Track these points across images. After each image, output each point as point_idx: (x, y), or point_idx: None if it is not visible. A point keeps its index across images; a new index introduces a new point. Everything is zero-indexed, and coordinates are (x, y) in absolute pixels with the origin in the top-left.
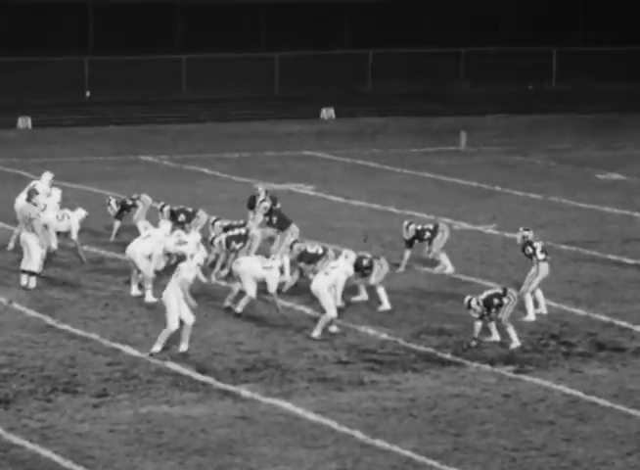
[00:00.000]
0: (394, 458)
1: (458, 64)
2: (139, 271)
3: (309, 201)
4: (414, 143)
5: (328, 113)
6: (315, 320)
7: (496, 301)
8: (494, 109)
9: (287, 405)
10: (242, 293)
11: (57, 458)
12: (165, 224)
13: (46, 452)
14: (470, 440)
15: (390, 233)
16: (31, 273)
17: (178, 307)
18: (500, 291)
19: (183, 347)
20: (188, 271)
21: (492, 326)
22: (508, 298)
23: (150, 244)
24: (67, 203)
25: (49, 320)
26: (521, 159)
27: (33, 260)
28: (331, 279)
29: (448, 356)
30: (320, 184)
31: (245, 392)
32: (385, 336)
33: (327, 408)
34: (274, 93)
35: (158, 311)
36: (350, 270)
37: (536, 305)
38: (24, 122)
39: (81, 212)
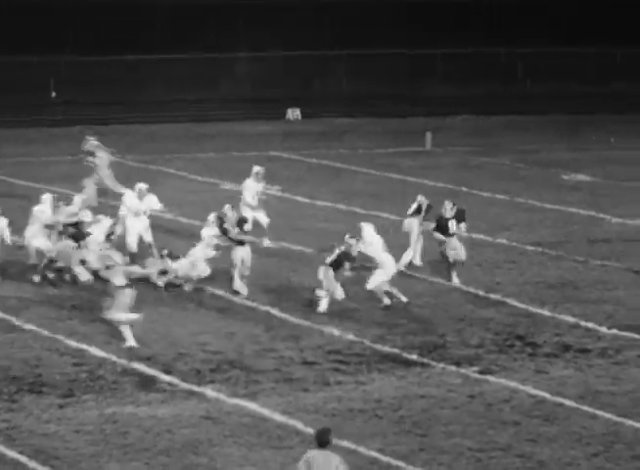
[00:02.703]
0: (360, 459)
1: (426, 65)
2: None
3: (275, 201)
4: (380, 144)
5: (294, 113)
6: (281, 320)
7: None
8: (461, 110)
9: (253, 406)
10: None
11: (22, 459)
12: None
13: (11, 453)
14: (435, 440)
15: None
16: None
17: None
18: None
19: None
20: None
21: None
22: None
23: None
24: (34, 202)
25: (15, 321)
26: (487, 160)
27: None
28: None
29: (414, 357)
30: (286, 184)
31: (210, 392)
32: (350, 337)
33: (293, 409)
34: (241, 94)
35: None
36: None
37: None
38: None
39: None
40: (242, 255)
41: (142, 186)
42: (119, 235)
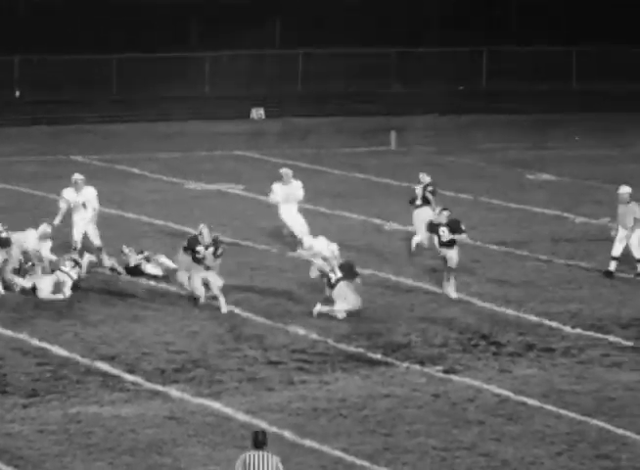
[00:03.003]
0: (324, 458)
1: (389, 64)
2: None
3: (240, 200)
4: (345, 143)
5: (258, 113)
6: (245, 320)
7: None
8: (425, 109)
9: (216, 405)
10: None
11: None
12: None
13: None
14: (400, 439)
15: (321, 234)
16: None
17: None
18: None
19: None
20: None
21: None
22: None
23: None
24: None
25: None
26: (451, 159)
27: None
28: None
29: (378, 357)
30: (250, 184)
31: (174, 392)
32: (315, 336)
33: (257, 408)
34: (205, 93)
35: (86, 312)
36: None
37: None
38: None
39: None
40: (204, 278)
41: (78, 177)
42: (58, 225)
